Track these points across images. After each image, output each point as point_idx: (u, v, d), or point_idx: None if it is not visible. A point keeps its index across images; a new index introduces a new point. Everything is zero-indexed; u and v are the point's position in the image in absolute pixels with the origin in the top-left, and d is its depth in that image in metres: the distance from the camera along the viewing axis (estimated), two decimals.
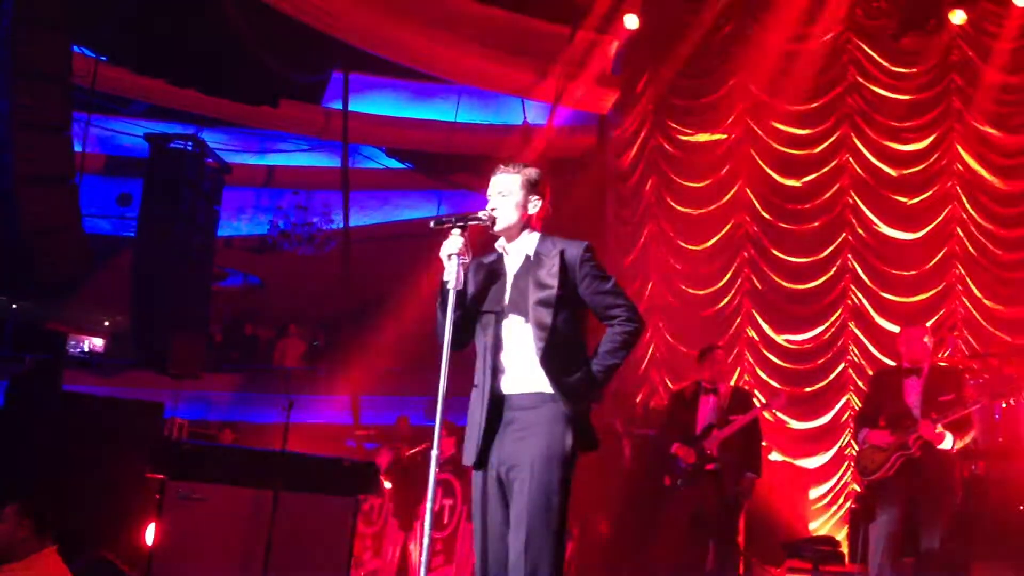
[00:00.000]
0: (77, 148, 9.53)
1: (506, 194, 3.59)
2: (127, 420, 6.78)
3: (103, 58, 11.12)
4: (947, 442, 5.57)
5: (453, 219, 3.47)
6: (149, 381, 11.45)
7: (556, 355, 3.43)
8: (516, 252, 3.61)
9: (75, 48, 9.59)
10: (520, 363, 3.47)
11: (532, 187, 3.61)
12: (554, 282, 3.48)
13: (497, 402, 3.47)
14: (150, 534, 5.77)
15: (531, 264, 3.55)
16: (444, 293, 3.41)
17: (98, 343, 12.74)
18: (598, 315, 3.58)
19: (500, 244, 3.65)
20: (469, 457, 3.49)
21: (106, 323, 12.75)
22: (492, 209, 3.57)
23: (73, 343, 12.35)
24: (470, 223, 3.49)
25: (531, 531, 3.27)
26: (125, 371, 12.52)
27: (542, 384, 3.44)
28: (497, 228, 3.57)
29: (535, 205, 3.62)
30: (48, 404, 6.82)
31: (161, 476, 5.83)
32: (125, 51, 11.22)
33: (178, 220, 11.84)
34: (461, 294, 3.45)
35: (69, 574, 4.65)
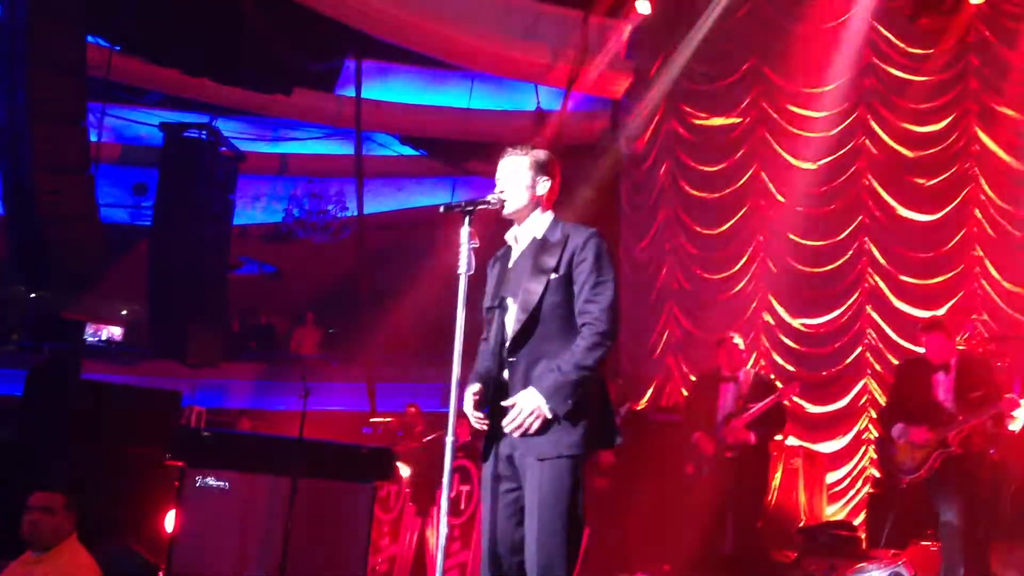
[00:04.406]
0: (93, 138, 9.60)
1: (514, 177, 3.52)
2: (145, 408, 6.84)
3: (117, 48, 11.16)
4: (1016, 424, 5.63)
5: (462, 204, 3.44)
6: (167, 370, 11.54)
7: (535, 342, 3.35)
8: (525, 235, 3.56)
9: (90, 38, 9.63)
10: None
11: (540, 168, 3.54)
12: (553, 263, 3.40)
13: (501, 387, 3.43)
14: (170, 521, 5.82)
15: (536, 247, 3.49)
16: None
17: (116, 332, 12.82)
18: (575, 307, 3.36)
19: (511, 234, 3.60)
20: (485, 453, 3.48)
21: (123, 312, 12.82)
22: (501, 192, 3.51)
23: (91, 332, 12.43)
24: (479, 207, 3.45)
25: (543, 524, 3.22)
26: (143, 360, 12.61)
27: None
28: (507, 212, 3.53)
29: (544, 186, 3.55)
30: (67, 393, 6.86)
31: (180, 464, 5.87)
32: (139, 41, 11.27)
33: (193, 209, 11.91)
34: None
35: (93, 562, 4.68)
